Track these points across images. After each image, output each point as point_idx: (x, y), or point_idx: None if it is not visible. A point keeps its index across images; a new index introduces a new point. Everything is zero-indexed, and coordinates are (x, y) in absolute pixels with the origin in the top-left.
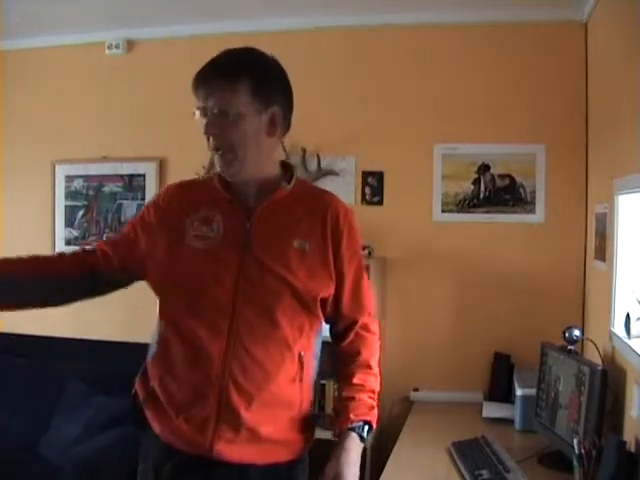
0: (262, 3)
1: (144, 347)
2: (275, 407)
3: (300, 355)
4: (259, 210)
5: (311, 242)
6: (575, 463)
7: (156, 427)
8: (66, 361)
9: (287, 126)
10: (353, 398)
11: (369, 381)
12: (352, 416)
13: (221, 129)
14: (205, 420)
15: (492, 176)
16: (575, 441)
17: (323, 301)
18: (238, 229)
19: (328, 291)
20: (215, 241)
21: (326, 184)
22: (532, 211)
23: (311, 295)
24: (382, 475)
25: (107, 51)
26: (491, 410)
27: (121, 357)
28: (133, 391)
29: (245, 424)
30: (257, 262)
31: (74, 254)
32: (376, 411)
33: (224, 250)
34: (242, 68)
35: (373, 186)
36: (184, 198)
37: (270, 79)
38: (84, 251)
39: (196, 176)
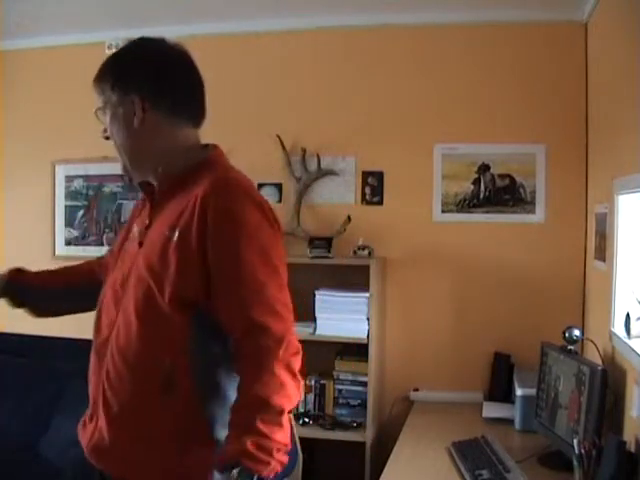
0: (262, 3)
1: None
2: (137, 420)
3: (167, 365)
4: (156, 205)
5: (179, 231)
6: (575, 463)
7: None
8: (66, 361)
9: (172, 110)
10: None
11: (243, 417)
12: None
13: (108, 128)
14: (85, 425)
15: (492, 176)
16: (575, 441)
17: (200, 303)
18: (143, 227)
19: (195, 290)
20: (132, 242)
21: (326, 184)
22: (532, 211)
23: (174, 294)
24: (382, 475)
25: (107, 51)
26: (491, 410)
27: None
28: None
29: (107, 434)
30: (138, 260)
31: (88, 262)
32: (250, 454)
33: (130, 250)
34: (108, 66)
35: (373, 186)
36: (138, 204)
37: (128, 68)
38: (97, 259)
39: None
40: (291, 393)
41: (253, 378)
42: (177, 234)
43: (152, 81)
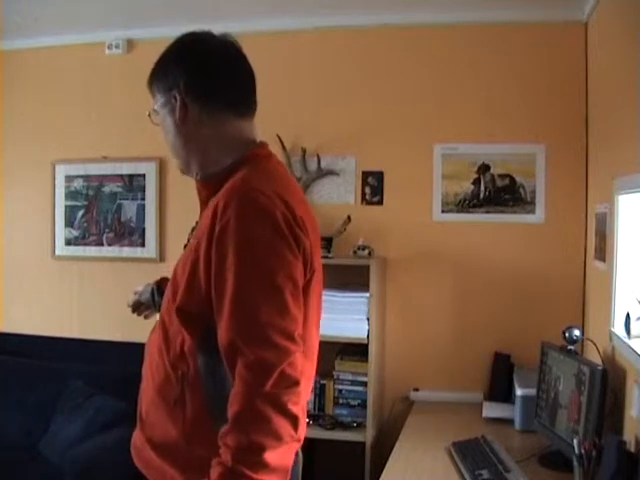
0: (262, 3)
1: (143, 347)
2: (153, 428)
3: (181, 376)
4: (203, 207)
5: (197, 240)
6: (575, 463)
7: None
8: (66, 361)
9: (213, 102)
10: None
11: (222, 452)
12: None
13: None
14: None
15: (492, 176)
16: (575, 441)
17: (208, 320)
18: (191, 229)
19: (199, 306)
20: None
21: (326, 184)
22: (532, 211)
23: (181, 306)
24: (382, 475)
25: (107, 51)
26: (491, 410)
27: (121, 357)
28: None
29: (139, 436)
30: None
31: None
32: None
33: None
34: (154, 67)
35: (373, 186)
36: None
37: (168, 65)
38: None
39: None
40: (278, 429)
41: (235, 410)
42: (198, 244)
43: (190, 74)
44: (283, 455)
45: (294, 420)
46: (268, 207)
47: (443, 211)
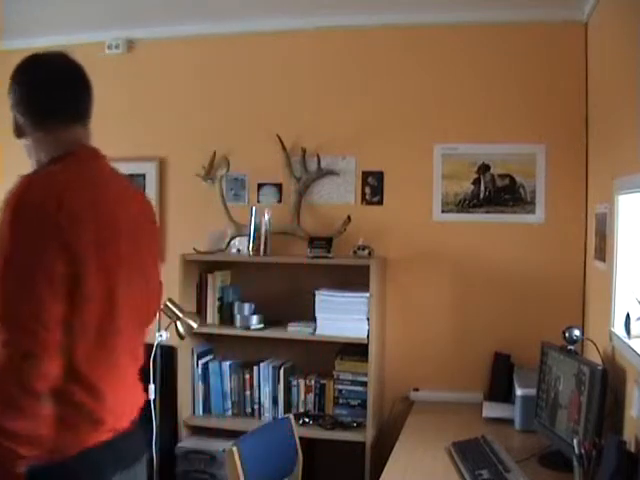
0: (262, 3)
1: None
2: None
3: None
4: None
5: None
6: (575, 463)
7: None
8: None
9: (34, 119)
10: None
11: None
12: None
13: None
14: None
15: (492, 176)
16: (575, 441)
17: None
18: None
19: None
20: None
21: (326, 184)
22: (532, 211)
23: None
24: (382, 475)
25: (107, 51)
26: (491, 410)
27: None
28: None
29: None
30: None
31: None
32: None
33: None
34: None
35: (373, 186)
36: None
37: (10, 83)
38: None
39: (196, 176)
40: (15, 401)
41: None
42: None
43: (22, 91)
44: (26, 426)
45: (35, 394)
46: (27, 200)
47: (443, 211)
